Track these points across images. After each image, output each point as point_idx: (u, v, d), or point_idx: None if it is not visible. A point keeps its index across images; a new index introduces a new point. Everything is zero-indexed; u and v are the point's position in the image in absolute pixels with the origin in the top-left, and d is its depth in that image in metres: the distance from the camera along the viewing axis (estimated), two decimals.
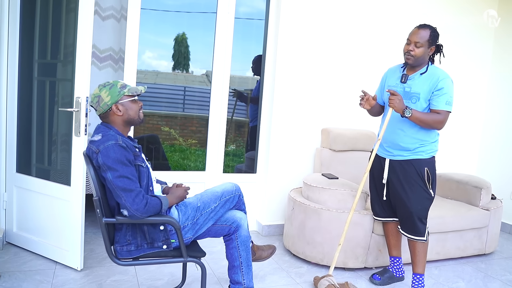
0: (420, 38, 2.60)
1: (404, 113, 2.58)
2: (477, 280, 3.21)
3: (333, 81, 3.90)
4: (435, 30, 2.65)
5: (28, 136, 3.04)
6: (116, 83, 2.14)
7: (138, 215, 2.00)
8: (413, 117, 2.58)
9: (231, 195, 2.39)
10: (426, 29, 2.62)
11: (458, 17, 4.36)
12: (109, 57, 4.11)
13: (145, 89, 2.19)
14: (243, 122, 4.19)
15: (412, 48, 2.61)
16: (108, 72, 4.09)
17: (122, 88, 2.13)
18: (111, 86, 2.12)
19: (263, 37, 3.85)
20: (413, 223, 2.75)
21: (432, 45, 2.65)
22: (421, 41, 2.60)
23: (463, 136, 4.61)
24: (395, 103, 2.60)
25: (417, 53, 2.61)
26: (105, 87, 2.11)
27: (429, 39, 2.61)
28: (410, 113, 2.57)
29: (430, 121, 2.61)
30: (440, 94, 2.60)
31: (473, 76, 4.58)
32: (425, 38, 2.60)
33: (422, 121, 2.60)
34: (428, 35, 2.61)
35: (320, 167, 3.68)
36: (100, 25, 4.11)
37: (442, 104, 2.60)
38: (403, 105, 2.60)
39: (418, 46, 2.61)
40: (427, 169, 2.69)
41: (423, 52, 2.62)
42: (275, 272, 3.08)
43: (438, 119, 2.61)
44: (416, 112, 2.59)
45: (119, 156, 2.00)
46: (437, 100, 2.61)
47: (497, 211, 3.66)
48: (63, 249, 2.87)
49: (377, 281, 2.98)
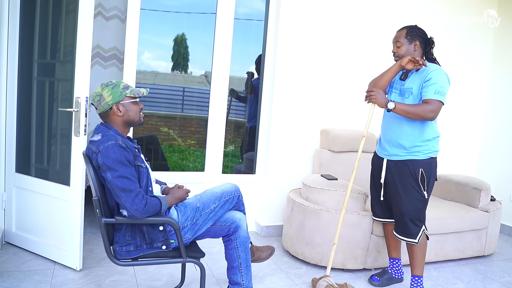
0: (397, 37, 2.76)
1: (387, 106, 2.59)
2: (476, 281, 3.21)
3: (332, 82, 3.90)
4: (412, 27, 2.76)
5: (28, 136, 3.04)
6: (119, 83, 2.14)
7: (137, 215, 1.99)
8: (397, 109, 2.58)
9: (230, 196, 2.39)
10: (403, 29, 2.78)
11: (457, 18, 4.36)
12: (113, 57, 4.12)
13: (147, 92, 2.19)
14: (242, 123, 4.19)
15: (395, 49, 2.76)
16: (113, 71, 4.11)
17: (125, 89, 2.13)
18: (114, 86, 2.12)
19: (263, 38, 3.86)
20: (405, 224, 2.74)
21: (413, 40, 2.71)
22: (399, 39, 2.74)
23: (462, 137, 4.62)
24: (375, 97, 2.63)
25: (400, 52, 2.74)
26: (107, 87, 2.12)
27: (406, 35, 2.72)
28: (393, 105, 2.57)
29: (418, 111, 2.57)
30: (429, 84, 2.59)
31: (472, 77, 4.58)
32: (401, 36, 2.74)
33: (408, 112, 2.58)
34: (404, 33, 2.74)
35: (319, 168, 3.68)
36: (104, 25, 4.12)
37: (431, 93, 2.57)
38: (385, 99, 2.62)
39: (398, 45, 2.75)
40: (422, 170, 2.67)
41: (406, 50, 2.72)
42: (274, 273, 3.07)
43: (427, 108, 2.56)
44: (400, 104, 2.59)
45: (119, 156, 2.00)
46: (426, 90, 2.60)
47: (497, 212, 3.66)
48: (62, 249, 2.87)
49: (376, 282, 2.98)
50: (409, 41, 2.71)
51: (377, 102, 2.63)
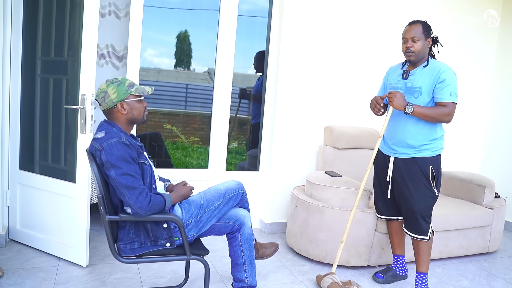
0: (415, 32, 2.63)
1: (405, 109, 2.57)
2: (481, 278, 3.20)
3: (336, 79, 3.88)
4: (426, 22, 2.69)
5: (31, 133, 3.04)
6: (125, 81, 2.13)
7: (141, 212, 1.99)
8: (415, 112, 2.57)
9: (234, 193, 2.39)
10: (418, 23, 2.66)
11: (462, 16, 4.33)
12: (108, 54, 4.08)
13: (152, 90, 2.19)
14: (246, 120, 4.18)
15: (411, 45, 2.64)
16: (108, 69, 4.07)
17: (130, 87, 2.12)
18: (119, 83, 2.11)
19: (266, 34, 3.84)
20: (416, 221, 2.74)
21: (428, 36, 2.67)
22: (417, 35, 2.63)
23: (466, 134, 4.60)
24: (395, 100, 2.60)
25: (417, 48, 2.63)
26: (112, 84, 2.11)
27: (424, 31, 2.64)
28: (412, 109, 2.56)
29: (435, 115, 2.58)
30: (444, 86, 2.58)
31: (477, 74, 4.56)
32: (419, 31, 2.63)
33: (426, 116, 2.58)
34: (421, 28, 2.64)
35: (323, 165, 3.68)
36: (100, 21, 4.08)
37: (447, 96, 2.58)
38: (404, 101, 2.59)
39: (415, 40, 2.63)
40: (432, 167, 2.67)
41: (422, 46, 2.64)
42: (278, 270, 3.07)
43: (444, 112, 2.58)
44: (418, 107, 2.58)
45: (123, 154, 2.00)
46: (441, 92, 2.59)
47: (501, 209, 3.65)
48: (68, 245, 2.87)
49: (380, 279, 2.97)
50: (425, 37, 2.64)
51: (395, 105, 2.60)
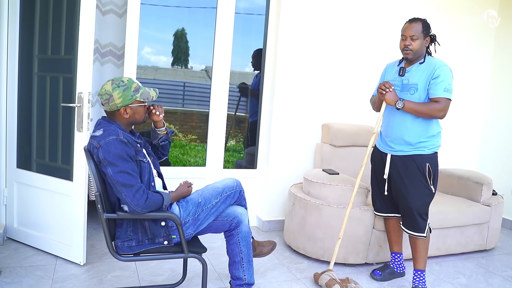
0: (414, 31, 2.62)
1: (396, 104, 2.58)
2: (478, 276, 3.21)
3: (333, 76, 3.88)
4: (426, 21, 2.67)
5: (28, 131, 3.03)
6: (131, 84, 2.11)
7: (138, 210, 1.99)
8: (406, 107, 2.58)
9: (232, 191, 2.39)
10: (418, 21, 2.64)
11: (459, 15, 4.33)
12: (109, 53, 4.07)
13: (157, 96, 2.18)
14: (244, 118, 4.18)
15: (409, 43, 2.63)
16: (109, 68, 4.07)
17: (135, 92, 2.11)
18: (125, 88, 2.09)
19: (263, 32, 3.84)
20: (413, 218, 2.74)
21: (427, 35, 2.66)
22: (416, 33, 2.61)
23: (464, 131, 4.60)
24: (386, 94, 2.61)
25: (415, 46, 2.62)
26: (119, 88, 2.08)
27: (423, 30, 2.63)
28: (402, 104, 2.57)
29: (427, 110, 2.58)
30: (437, 82, 2.58)
31: (474, 72, 4.56)
32: (419, 30, 2.62)
33: (417, 111, 2.59)
34: (421, 27, 2.63)
35: (321, 163, 3.68)
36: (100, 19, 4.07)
37: (440, 92, 2.57)
38: (396, 96, 2.60)
39: (414, 39, 2.62)
40: (429, 165, 2.68)
41: (421, 44, 2.63)
42: (276, 267, 3.08)
43: (436, 108, 2.57)
44: (409, 102, 2.58)
45: (120, 151, 1.99)
46: (434, 88, 2.59)
47: (498, 207, 3.65)
48: (66, 244, 2.87)
49: (378, 276, 2.98)
50: (424, 36, 2.63)
51: (387, 100, 2.61)
